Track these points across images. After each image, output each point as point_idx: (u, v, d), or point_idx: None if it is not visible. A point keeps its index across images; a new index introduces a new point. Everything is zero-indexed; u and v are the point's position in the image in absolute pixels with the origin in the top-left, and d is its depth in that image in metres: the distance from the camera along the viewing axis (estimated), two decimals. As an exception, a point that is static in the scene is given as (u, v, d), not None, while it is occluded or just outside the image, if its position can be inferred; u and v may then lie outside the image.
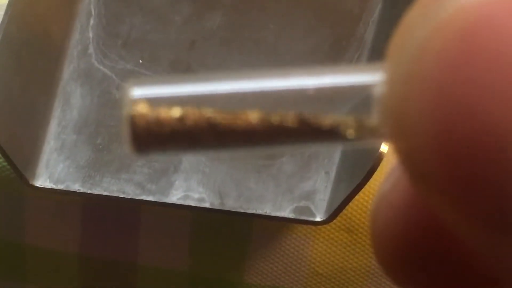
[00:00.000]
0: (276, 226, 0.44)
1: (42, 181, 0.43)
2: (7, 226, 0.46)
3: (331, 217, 0.40)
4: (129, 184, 0.43)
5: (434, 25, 0.11)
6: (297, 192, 0.42)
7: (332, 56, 0.44)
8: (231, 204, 0.42)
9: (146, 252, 0.45)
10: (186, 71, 0.45)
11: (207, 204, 0.42)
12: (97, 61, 0.45)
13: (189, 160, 0.43)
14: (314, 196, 0.42)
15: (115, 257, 0.46)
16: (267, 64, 0.44)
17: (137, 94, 0.13)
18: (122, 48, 0.45)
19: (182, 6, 0.46)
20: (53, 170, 0.43)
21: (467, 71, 0.10)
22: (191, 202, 0.42)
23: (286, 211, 0.42)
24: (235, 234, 0.44)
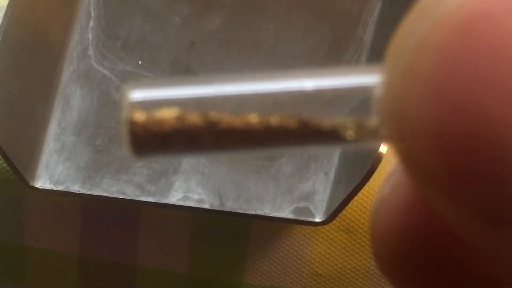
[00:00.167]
0: (276, 227, 0.44)
1: (42, 182, 0.43)
2: (7, 227, 0.46)
3: (330, 218, 0.40)
4: (129, 185, 0.43)
5: (433, 21, 0.11)
6: (297, 193, 0.42)
7: (331, 57, 0.44)
8: (231, 205, 0.42)
9: (146, 253, 0.45)
10: (186, 72, 0.45)
11: (207, 205, 0.42)
12: (97, 63, 0.45)
13: (189, 161, 0.43)
14: (314, 197, 0.42)
15: (115, 258, 0.46)
16: (267, 65, 0.44)
17: (136, 97, 0.13)
18: (122, 50, 0.45)
19: (181, 7, 0.46)
20: (53, 171, 0.43)
21: (466, 66, 0.10)
22: (191, 203, 0.42)
23: (286, 212, 0.42)
24: (235, 235, 0.44)
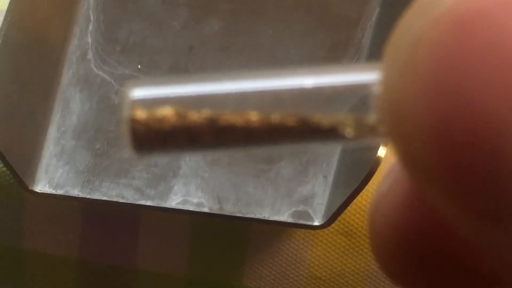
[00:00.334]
0: (275, 230, 0.44)
1: (42, 186, 0.43)
2: (7, 231, 0.46)
3: (329, 221, 0.40)
4: (128, 189, 0.43)
5: (430, 18, 0.11)
6: (296, 197, 0.42)
7: (330, 61, 0.44)
8: (230, 209, 0.42)
9: (145, 257, 0.45)
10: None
11: (206, 209, 0.42)
12: (96, 67, 0.45)
13: (188, 165, 0.43)
14: (312, 201, 0.42)
15: (114, 262, 0.46)
16: (265, 69, 0.44)
17: (137, 95, 0.13)
18: (121, 54, 0.46)
19: (180, 12, 0.46)
20: (53, 175, 0.43)
21: (462, 62, 0.10)
22: (190, 207, 0.42)
23: (285, 216, 0.42)
24: (234, 239, 0.44)
